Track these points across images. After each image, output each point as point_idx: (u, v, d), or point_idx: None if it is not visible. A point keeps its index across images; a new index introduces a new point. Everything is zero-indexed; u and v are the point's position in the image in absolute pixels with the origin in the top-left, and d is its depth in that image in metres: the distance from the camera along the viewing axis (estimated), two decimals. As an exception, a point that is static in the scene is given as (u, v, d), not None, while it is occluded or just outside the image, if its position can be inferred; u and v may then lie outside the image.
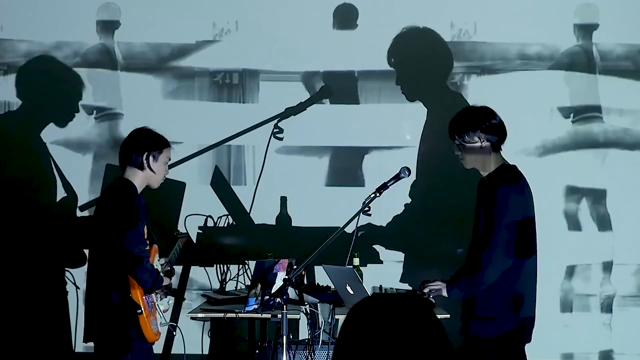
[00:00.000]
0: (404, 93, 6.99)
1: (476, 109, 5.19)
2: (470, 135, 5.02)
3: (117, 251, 5.09)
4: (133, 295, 5.11)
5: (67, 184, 6.95)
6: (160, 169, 5.27)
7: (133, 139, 5.29)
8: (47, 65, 7.05)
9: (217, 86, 7.09)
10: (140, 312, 5.10)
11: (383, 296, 2.38)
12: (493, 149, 5.04)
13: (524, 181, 5.05)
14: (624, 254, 6.92)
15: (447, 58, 6.99)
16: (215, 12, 7.05)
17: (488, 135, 5.02)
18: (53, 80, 7.05)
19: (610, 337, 6.94)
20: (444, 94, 6.97)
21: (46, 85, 7.06)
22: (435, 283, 5.10)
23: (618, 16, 6.97)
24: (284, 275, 5.10)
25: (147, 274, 5.10)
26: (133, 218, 5.08)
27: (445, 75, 7.00)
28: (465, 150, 5.04)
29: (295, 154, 6.99)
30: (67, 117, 7.01)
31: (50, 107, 7.05)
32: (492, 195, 4.96)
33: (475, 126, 5.02)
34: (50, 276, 6.88)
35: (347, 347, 2.31)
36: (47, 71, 7.07)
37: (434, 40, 6.99)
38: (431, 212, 6.92)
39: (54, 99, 7.04)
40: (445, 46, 6.99)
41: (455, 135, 5.05)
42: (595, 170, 6.98)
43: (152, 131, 5.33)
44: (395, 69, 6.99)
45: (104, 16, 7.08)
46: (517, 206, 4.94)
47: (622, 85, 6.97)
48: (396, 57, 6.99)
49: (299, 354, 5.27)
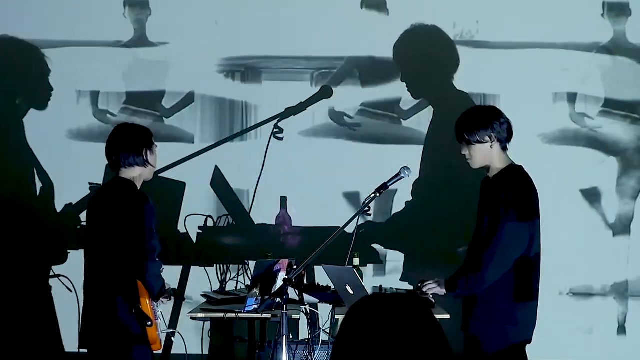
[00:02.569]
0: (409, 90, 6.98)
1: (485, 109, 5.21)
2: (481, 135, 5.01)
3: (128, 253, 5.03)
4: (143, 306, 5.04)
5: (42, 172, 6.86)
6: (155, 160, 5.28)
7: (125, 138, 5.22)
8: (12, 47, 6.99)
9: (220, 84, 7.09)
10: (150, 324, 5.02)
11: (382, 296, 2.38)
12: (500, 149, 5.04)
13: (529, 181, 5.04)
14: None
15: (454, 57, 6.98)
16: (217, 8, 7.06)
17: (497, 135, 5.01)
18: (19, 62, 6.98)
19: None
20: (450, 93, 6.96)
21: (13, 67, 7.00)
22: (433, 282, 5.10)
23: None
24: (284, 275, 5.10)
25: (160, 282, 5.08)
26: (150, 229, 5.04)
27: (451, 73, 6.99)
28: (474, 150, 5.03)
29: (296, 154, 6.99)
30: (43, 99, 6.95)
31: (25, 90, 6.98)
32: (497, 195, 4.95)
33: (485, 125, 5.01)
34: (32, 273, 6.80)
35: (345, 346, 2.31)
36: (10, 53, 7.01)
37: (440, 39, 6.98)
38: (433, 211, 6.91)
39: (24, 81, 6.98)
40: (452, 44, 6.98)
41: (464, 134, 5.04)
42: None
43: (138, 125, 5.33)
44: (400, 66, 6.98)
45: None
46: (521, 206, 4.94)
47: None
48: (402, 53, 6.97)
49: (299, 354, 5.27)
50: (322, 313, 5.59)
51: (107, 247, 5.10)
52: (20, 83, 7.00)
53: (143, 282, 5.03)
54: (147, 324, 5.01)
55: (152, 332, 5.05)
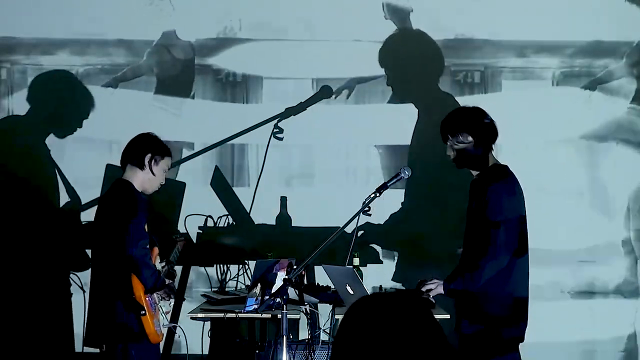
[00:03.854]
0: (395, 94, 7.00)
1: (468, 109, 5.20)
2: (464, 136, 5.02)
3: (119, 248, 5.12)
4: (137, 296, 5.15)
5: (70, 189, 6.96)
6: (158, 174, 5.36)
7: (138, 141, 5.42)
8: (63, 79, 7.05)
9: (220, 84, 7.09)
10: (144, 313, 5.14)
11: (381, 295, 2.38)
12: (485, 149, 5.05)
13: (514, 180, 5.06)
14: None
15: (439, 59, 7.00)
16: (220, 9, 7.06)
17: (480, 135, 5.02)
18: (65, 94, 7.06)
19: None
20: (435, 96, 6.97)
21: (57, 97, 7.05)
22: (432, 282, 5.11)
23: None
24: (284, 275, 5.10)
25: (150, 271, 5.15)
26: (133, 211, 5.16)
27: (437, 76, 7.01)
28: (457, 150, 5.04)
29: (296, 154, 6.99)
30: (68, 131, 7.02)
31: (56, 118, 7.04)
32: (484, 194, 4.98)
33: (467, 126, 5.02)
34: (55, 280, 6.88)
35: (345, 346, 2.31)
36: (61, 84, 7.07)
37: (425, 42, 7.00)
38: (424, 212, 6.92)
39: (61, 111, 7.04)
40: (437, 47, 7.00)
41: (447, 135, 5.06)
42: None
43: (158, 137, 5.47)
44: (387, 71, 7.00)
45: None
46: (509, 204, 4.96)
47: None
48: (388, 58, 6.99)
49: (299, 354, 5.27)
50: (322, 313, 5.59)
51: (101, 242, 5.27)
52: (56, 112, 7.04)
53: (135, 272, 5.13)
54: (140, 313, 5.12)
55: (147, 324, 5.14)
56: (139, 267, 5.14)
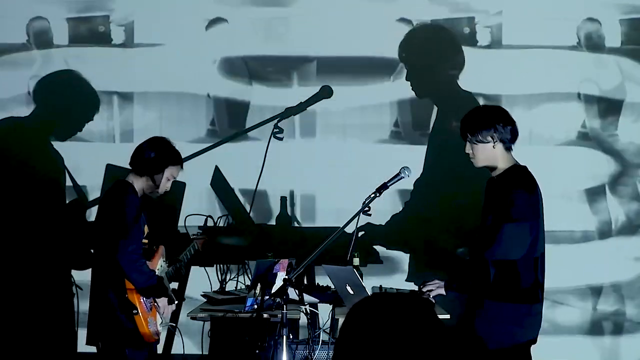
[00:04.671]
0: (413, 90, 6.99)
1: (490, 108, 5.20)
2: (484, 135, 5.00)
3: (112, 249, 5.15)
4: (129, 296, 5.18)
5: (77, 186, 6.95)
6: (162, 182, 5.35)
7: (150, 144, 5.41)
8: (71, 80, 7.05)
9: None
10: (136, 312, 5.15)
11: (383, 296, 2.38)
12: (505, 149, 5.03)
13: (534, 183, 5.03)
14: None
15: (459, 56, 6.98)
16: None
17: (501, 134, 5.00)
18: (71, 96, 7.06)
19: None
20: (454, 93, 6.96)
21: (64, 98, 7.05)
22: (434, 282, 5.10)
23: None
24: (284, 275, 5.10)
25: (140, 275, 5.16)
26: (126, 220, 5.15)
27: (456, 74, 6.99)
28: (477, 149, 5.02)
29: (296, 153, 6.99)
30: (70, 133, 7.03)
31: (59, 119, 7.04)
32: (503, 196, 4.94)
33: (489, 125, 5.00)
34: (58, 279, 6.87)
35: (347, 346, 2.31)
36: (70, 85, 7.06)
37: (446, 38, 6.98)
38: (433, 211, 6.91)
39: (66, 113, 7.03)
40: (458, 44, 6.98)
41: (467, 133, 5.03)
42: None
43: (170, 143, 5.45)
44: (406, 65, 6.98)
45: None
46: (526, 208, 4.92)
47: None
48: (407, 52, 6.98)
49: (299, 354, 5.26)
50: (322, 313, 5.59)
51: (98, 243, 5.35)
52: (61, 113, 7.04)
53: (125, 274, 5.18)
54: (133, 312, 5.17)
55: (140, 323, 5.16)
56: (125, 273, 5.16)
